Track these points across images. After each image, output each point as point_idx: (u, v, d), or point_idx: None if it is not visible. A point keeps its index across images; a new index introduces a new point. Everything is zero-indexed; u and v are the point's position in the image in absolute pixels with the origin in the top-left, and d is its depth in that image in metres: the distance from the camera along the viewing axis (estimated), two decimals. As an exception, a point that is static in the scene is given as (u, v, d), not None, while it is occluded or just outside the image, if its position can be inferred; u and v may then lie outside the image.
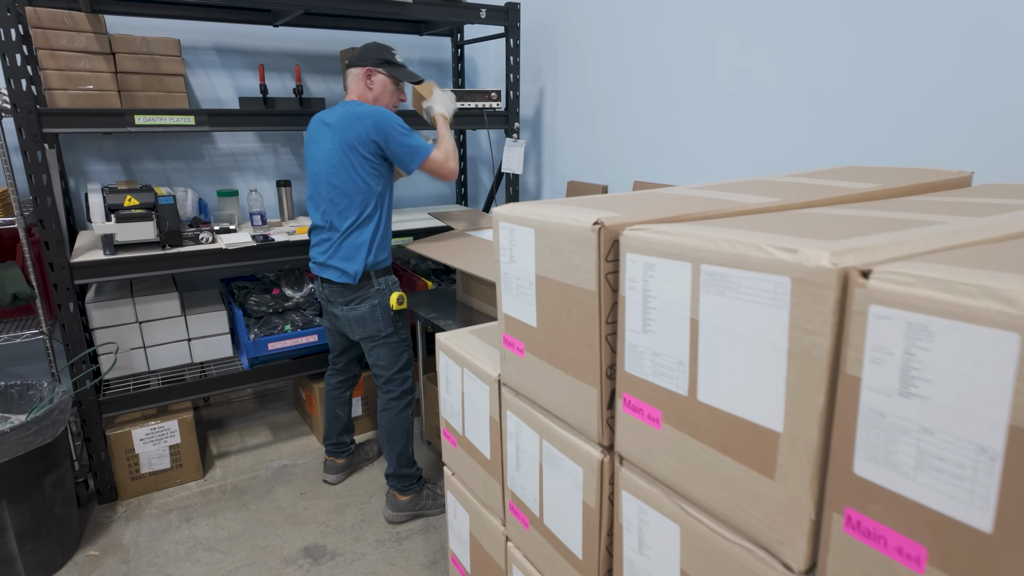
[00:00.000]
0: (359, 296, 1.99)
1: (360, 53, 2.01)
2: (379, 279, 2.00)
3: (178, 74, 2.35)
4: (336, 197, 1.94)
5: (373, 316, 2.01)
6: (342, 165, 1.90)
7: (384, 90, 2.02)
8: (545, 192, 3.10)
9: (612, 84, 2.57)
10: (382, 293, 2.00)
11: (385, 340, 2.05)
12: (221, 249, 2.28)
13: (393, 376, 2.10)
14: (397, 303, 2.01)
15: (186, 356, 2.49)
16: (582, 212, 0.78)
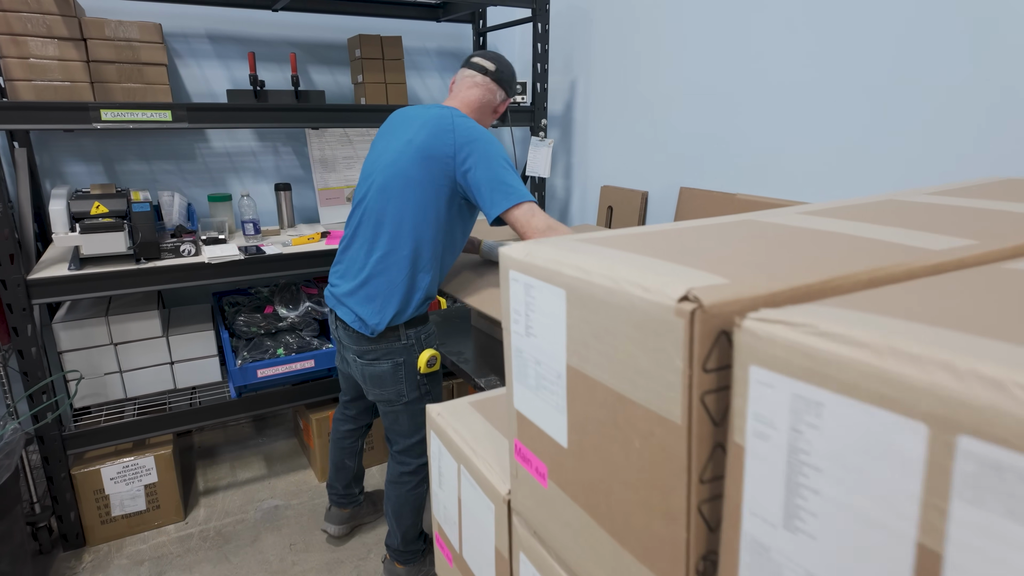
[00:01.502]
0: (379, 351, 1.56)
1: (509, 73, 1.66)
2: (409, 331, 1.57)
3: (159, 63, 2.07)
4: (389, 209, 1.50)
5: (395, 377, 1.59)
6: (414, 184, 1.48)
7: (490, 122, 1.71)
8: (575, 198, 2.75)
9: (656, 76, 2.21)
10: (410, 350, 1.58)
11: (406, 407, 1.66)
12: (203, 264, 1.99)
13: (411, 447, 1.71)
14: (427, 365, 1.59)
15: (168, 381, 2.22)
16: (653, 267, 0.44)
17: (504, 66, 1.65)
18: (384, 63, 2.48)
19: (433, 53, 2.89)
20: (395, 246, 1.51)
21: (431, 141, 1.48)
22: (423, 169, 1.47)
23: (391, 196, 1.50)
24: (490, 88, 1.63)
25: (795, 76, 1.75)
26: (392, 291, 1.52)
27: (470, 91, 1.63)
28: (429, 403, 1.72)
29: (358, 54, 2.46)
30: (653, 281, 0.41)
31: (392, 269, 1.51)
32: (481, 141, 1.47)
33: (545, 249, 0.54)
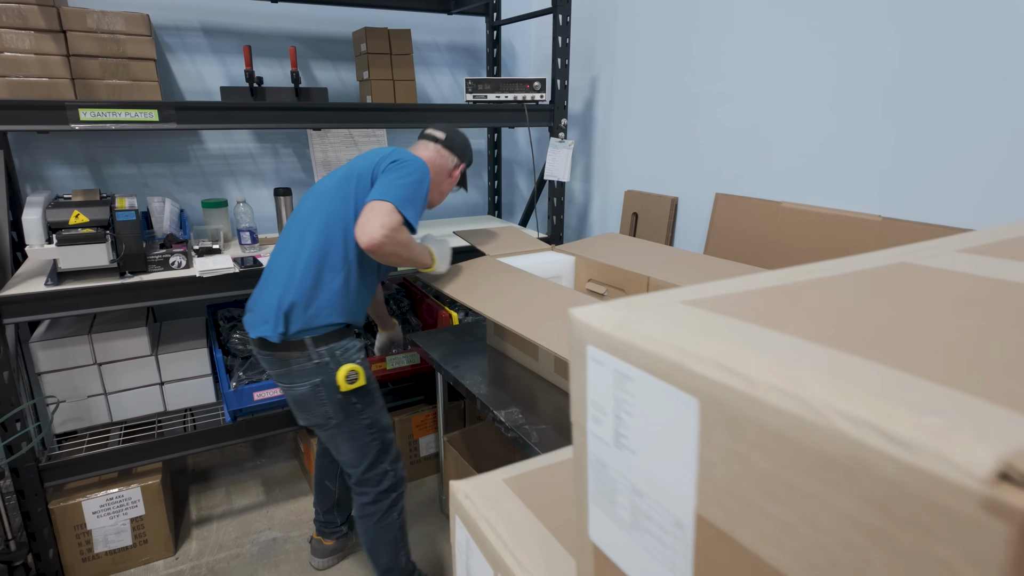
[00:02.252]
0: (293, 373, 1.46)
1: (461, 142, 1.68)
2: (320, 349, 1.45)
3: (147, 58, 1.89)
4: (310, 218, 1.48)
5: (316, 399, 1.48)
6: (335, 189, 1.49)
7: (449, 188, 1.70)
8: (595, 204, 2.56)
9: (689, 71, 2.02)
10: (324, 368, 1.46)
11: (339, 430, 1.53)
12: (194, 278, 1.81)
13: (364, 476, 1.58)
14: (347, 381, 1.46)
15: (158, 404, 2.04)
16: (880, 382, 0.26)
17: (455, 134, 1.66)
18: (392, 58, 2.30)
19: (444, 48, 2.71)
20: (302, 245, 1.46)
21: (363, 161, 1.51)
22: (344, 182, 1.48)
23: (305, 212, 1.50)
24: (441, 153, 1.64)
25: (851, 72, 1.56)
26: (294, 288, 1.43)
27: (424, 151, 1.63)
28: (368, 423, 1.56)
29: (364, 48, 2.28)
30: (905, 422, 0.23)
31: (297, 269, 1.45)
32: (409, 165, 1.46)
33: (655, 321, 0.36)
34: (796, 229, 1.71)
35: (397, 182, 1.42)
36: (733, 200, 1.91)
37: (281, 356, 1.45)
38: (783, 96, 1.74)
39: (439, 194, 1.68)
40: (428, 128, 1.70)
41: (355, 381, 1.47)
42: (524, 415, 1.46)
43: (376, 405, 1.57)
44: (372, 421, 1.55)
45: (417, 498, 2.28)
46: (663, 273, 1.59)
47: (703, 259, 1.70)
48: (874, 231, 1.53)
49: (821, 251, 1.64)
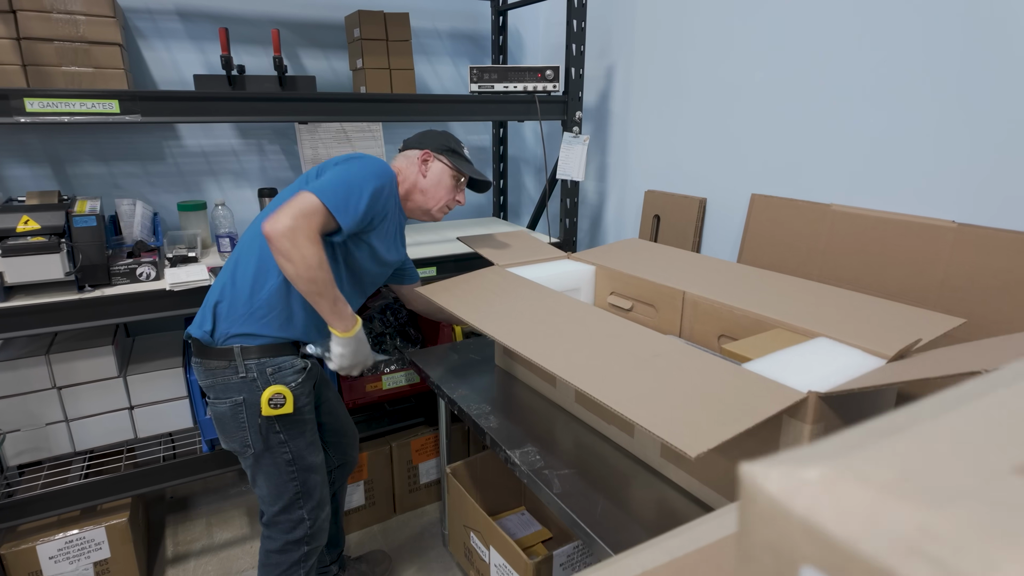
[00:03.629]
0: (216, 387, 1.30)
1: (419, 136, 1.51)
2: (249, 362, 1.28)
3: (111, 43, 1.67)
4: (264, 214, 1.31)
5: (236, 421, 1.30)
6: (291, 187, 1.38)
7: (440, 182, 1.46)
8: (610, 205, 2.35)
9: (720, 60, 1.81)
10: (250, 386, 1.29)
11: (256, 461, 1.34)
12: (163, 291, 1.60)
13: (275, 518, 1.38)
14: (270, 404, 1.27)
15: (127, 430, 1.83)
16: None
17: (426, 135, 1.50)
18: (388, 45, 2.08)
19: (445, 36, 2.49)
20: (251, 241, 1.34)
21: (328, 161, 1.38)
22: (301, 178, 1.39)
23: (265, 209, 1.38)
24: (406, 156, 1.49)
25: (919, 58, 1.34)
26: (228, 283, 1.31)
27: (404, 165, 1.48)
28: (289, 459, 1.31)
29: (357, 35, 2.07)
30: None
31: (238, 265, 1.32)
32: (360, 162, 1.31)
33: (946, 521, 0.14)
34: (850, 235, 1.50)
35: (336, 177, 1.25)
36: (772, 202, 1.70)
37: (208, 365, 1.30)
38: (835, 86, 1.52)
39: (452, 202, 1.50)
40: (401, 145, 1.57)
41: (280, 407, 1.28)
42: (542, 455, 1.25)
43: (303, 439, 1.37)
44: (294, 457, 1.36)
45: (415, 528, 2.07)
46: (701, 287, 1.38)
47: (744, 270, 1.49)
48: (948, 239, 1.31)
49: (881, 261, 1.43)
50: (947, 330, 1.10)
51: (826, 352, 1.04)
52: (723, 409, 0.85)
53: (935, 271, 1.33)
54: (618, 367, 1.01)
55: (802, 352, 1.04)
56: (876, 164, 1.46)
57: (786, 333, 1.15)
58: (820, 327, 1.13)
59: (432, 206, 1.47)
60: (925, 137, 1.36)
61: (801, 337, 1.13)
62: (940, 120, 1.33)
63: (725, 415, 0.84)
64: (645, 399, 0.90)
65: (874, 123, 1.45)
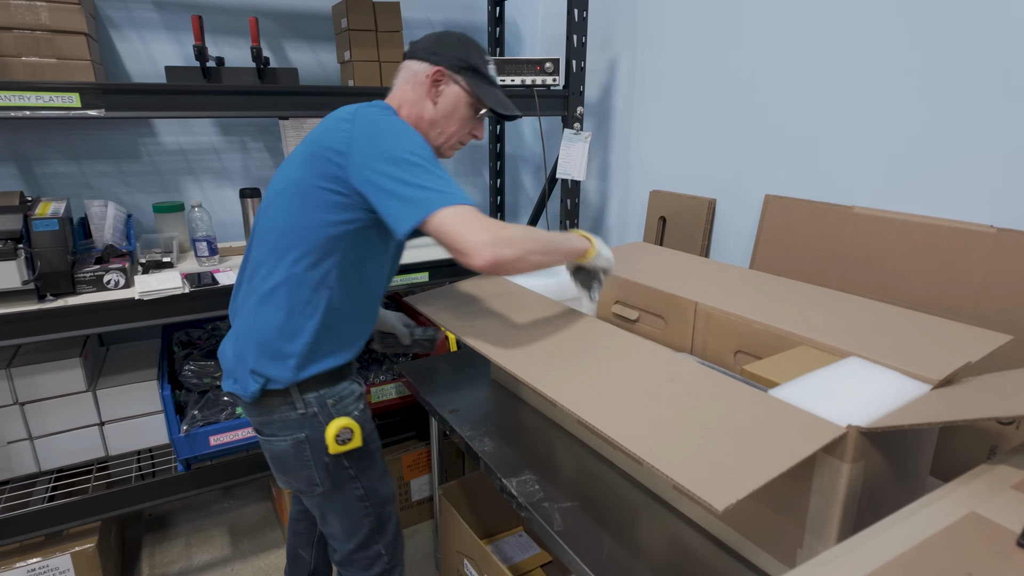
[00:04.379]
0: (272, 424, 1.13)
1: (432, 42, 1.14)
2: (307, 396, 1.12)
3: (76, 32, 1.55)
4: (269, 236, 1.09)
5: (299, 460, 1.14)
6: (292, 187, 1.06)
7: (454, 112, 1.13)
8: (612, 206, 2.23)
9: (732, 49, 1.69)
10: (311, 422, 1.12)
11: (326, 499, 1.19)
12: (132, 300, 1.48)
13: (351, 557, 1.24)
14: (338, 441, 1.12)
15: (97, 448, 1.71)
16: None
17: (443, 42, 1.14)
18: (378, 36, 1.96)
19: (439, 26, 2.36)
20: (262, 274, 1.09)
21: (321, 135, 1.05)
22: (306, 170, 1.05)
23: (264, 210, 1.12)
24: (436, 74, 1.11)
25: (953, 51, 1.22)
26: (259, 337, 1.09)
27: (407, 84, 1.14)
28: (361, 494, 1.15)
29: (344, 25, 1.94)
30: None
31: (258, 311, 1.09)
32: (388, 132, 1.01)
33: None
34: (875, 240, 1.38)
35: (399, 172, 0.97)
36: (788, 203, 1.58)
37: (259, 403, 1.12)
38: (859, 77, 1.40)
39: (467, 137, 1.20)
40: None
41: (348, 442, 1.13)
42: (541, 484, 1.13)
43: (375, 470, 1.22)
44: (367, 491, 1.21)
45: (408, 550, 1.95)
46: (714, 297, 1.26)
47: (761, 278, 1.37)
48: (986, 245, 1.20)
49: (909, 269, 1.31)
50: (993, 348, 0.98)
51: (860, 375, 0.93)
52: (751, 447, 0.74)
53: (971, 280, 1.22)
54: (628, 394, 0.89)
55: (833, 375, 0.93)
56: (904, 163, 1.35)
57: (812, 351, 1.04)
58: (851, 345, 1.02)
59: (441, 142, 1.16)
60: (960, 133, 1.24)
61: (830, 356, 1.01)
62: (977, 114, 1.21)
63: (754, 455, 0.72)
64: (660, 434, 0.78)
65: (902, 117, 1.33)
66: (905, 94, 1.32)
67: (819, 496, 0.81)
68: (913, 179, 1.33)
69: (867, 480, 0.81)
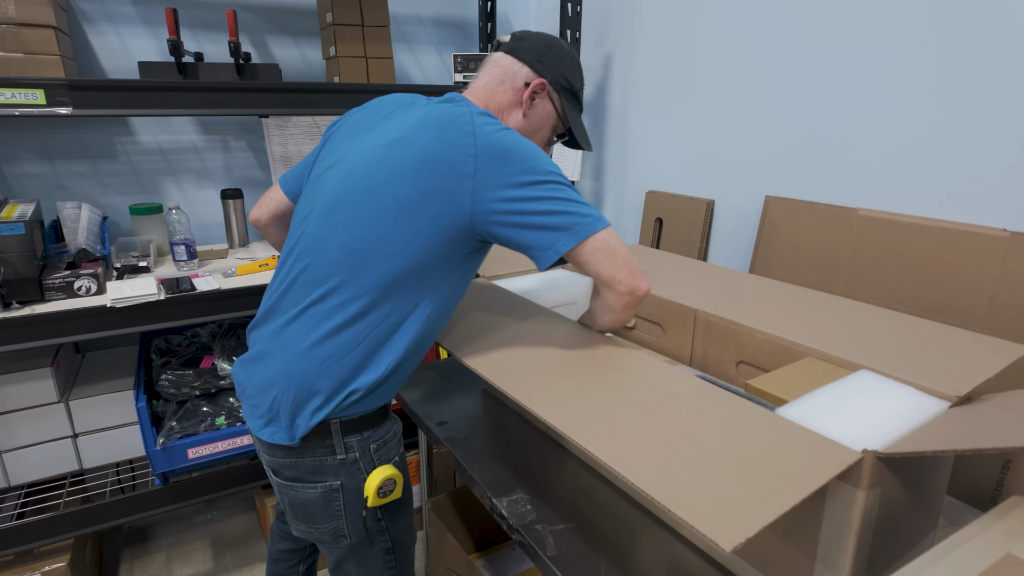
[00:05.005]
0: (301, 467, 0.98)
1: (541, 47, 1.03)
2: (350, 439, 0.97)
3: (44, 25, 1.48)
4: (351, 257, 0.91)
5: (329, 510, 1.00)
6: (390, 203, 0.90)
7: (539, 130, 1.06)
8: (608, 206, 2.17)
9: (731, 46, 1.63)
10: (350, 469, 0.98)
11: (352, 552, 1.06)
12: (103, 308, 1.41)
13: None
14: (379, 494, 0.99)
15: (71, 461, 1.64)
16: None
17: (553, 51, 1.04)
18: (364, 31, 1.89)
19: (428, 22, 2.29)
20: (337, 301, 0.92)
21: (438, 146, 0.89)
22: (414, 186, 0.88)
23: (345, 223, 0.92)
24: (537, 86, 1.02)
25: (962, 40, 1.17)
26: (327, 377, 0.92)
27: (501, 86, 1.03)
28: (388, 547, 1.03)
29: (330, 19, 1.87)
30: None
31: (332, 339, 0.92)
32: (517, 149, 0.89)
33: None
34: (880, 244, 1.33)
35: (555, 199, 0.88)
36: (789, 205, 1.53)
37: (288, 448, 0.98)
38: (864, 74, 1.35)
39: None
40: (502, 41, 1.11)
41: (390, 494, 1.01)
42: (533, 504, 1.07)
43: (405, 521, 1.12)
44: (395, 544, 1.09)
45: (398, 563, 1.89)
46: (714, 304, 1.20)
47: (764, 284, 1.31)
48: (999, 249, 1.14)
49: (917, 274, 1.26)
50: (1013, 360, 0.93)
51: (872, 390, 0.87)
52: (760, 475, 0.68)
53: (983, 286, 1.17)
54: (626, 412, 0.83)
55: (844, 390, 0.87)
56: (911, 163, 1.29)
57: (820, 364, 0.98)
58: (860, 356, 0.96)
59: None
60: (970, 132, 1.19)
61: (838, 369, 0.96)
62: (988, 112, 1.16)
63: (763, 484, 0.66)
64: (661, 460, 0.72)
65: (909, 116, 1.28)
66: (912, 91, 1.26)
67: (832, 524, 0.75)
68: (921, 180, 1.28)
69: (883, 507, 0.75)
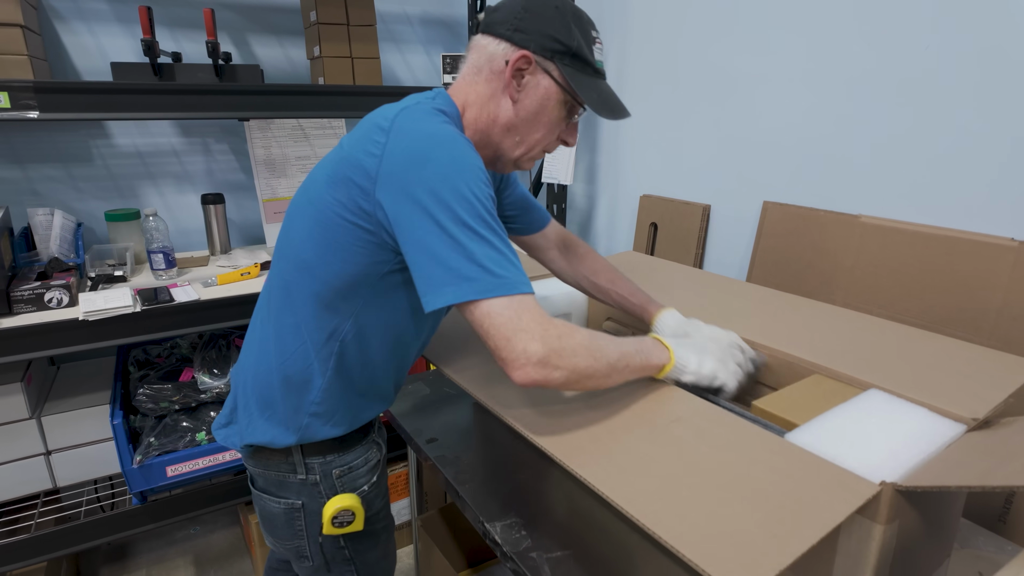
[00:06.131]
0: (267, 479, 0.95)
1: (517, 10, 0.82)
2: (312, 461, 0.93)
3: (11, 23, 1.40)
4: (283, 264, 0.88)
5: (290, 527, 0.96)
6: (312, 210, 0.83)
7: (540, 113, 0.84)
8: (600, 211, 2.13)
9: (727, 46, 1.59)
10: (311, 490, 0.94)
11: (314, 572, 1.01)
12: (75, 321, 1.34)
13: None
14: (334, 523, 0.93)
15: (43, 480, 1.57)
16: None
17: (531, 10, 0.82)
18: (350, 30, 1.83)
19: (416, 21, 2.23)
20: (277, 305, 0.88)
21: (352, 146, 0.79)
22: (329, 191, 0.80)
23: (284, 227, 0.89)
24: (520, 60, 0.81)
25: (973, 40, 1.13)
26: (264, 381, 0.89)
27: (478, 73, 0.85)
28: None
29: (314, 18, 1.81)
30: None
31: (273, 344, 0.88)
32: (436, 159, 0.72)
33: None
34: (884, 253, 1.29)
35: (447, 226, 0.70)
36: (789, 211, 1.49)
37: (254, 452, 0.95)
38: (868, 75, 1.31)
39: (553, 142, 0.89)
40: None
41: (346, 525, 0.95)
42: (528, 529, 1.02)
43: (376, 551, 1.05)
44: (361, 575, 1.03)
45: (387, 579, 1.83)
46: (715, 315, 1.16)
47: (764, 295, 1.27)
48: (1007, 259, 1.11)
49: (922, 284, 1.22)
50: (1028, 379, 0.89)
51: (885, 412, 0.83)
52: (773, 511, 0.63)
53: (991, 297, 1.13)
54: (629, 439, 0.78)
55: (854, 413, 0.83)
56: (917, 170, 1.25)
57: (827, 382, 0.94)
58: (869, 374, 0.92)
59: (519, 153, 0.87)
60: (978, 137, 1.15)
61: (847, 388, 0.91)
62: (997, 119, 1.12)
63: (778, 521, 0.62)
64: (667, 494, 0.67)
65: (916, 121, 1.24)
66: (915, 94, 1.23)
67: (846, 559, 0.71)
68: (927, 186, 1.24)
69: (900, 540, 0.71)
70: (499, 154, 0.89)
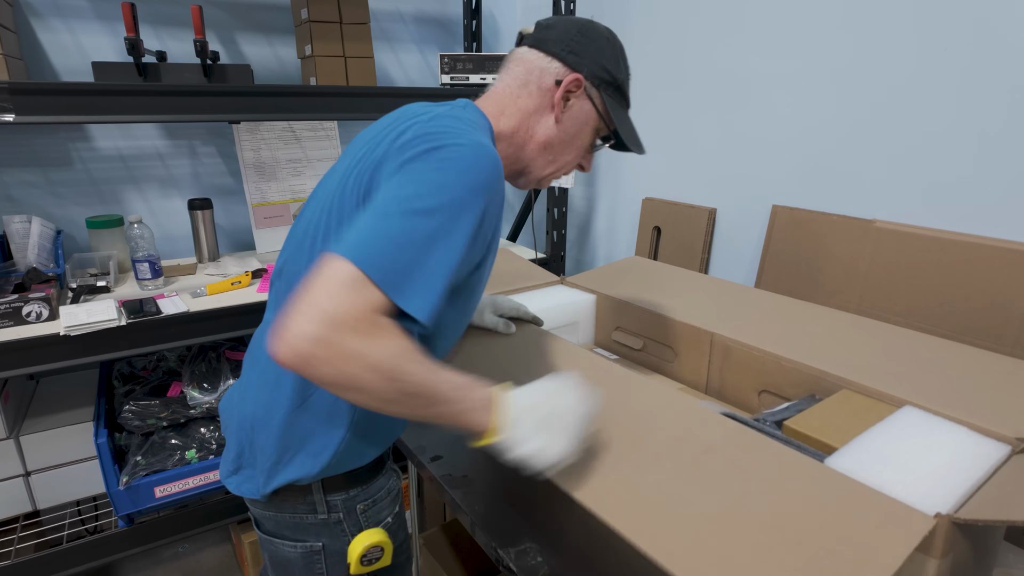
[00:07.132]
0: (280, 522, 0.85)
1: (574, 34, 0.82)
2: (334, 498, 0.83)
3: (-17, 21, 1.32)
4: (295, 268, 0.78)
5: (308, 570, 0.87)
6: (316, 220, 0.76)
7: (577, 136, 0.84)
8: (600, 214, 2.08)
9: (732, 46, 1.55)
10: (333, 529, 0.85)
11: None
12: (56, 336, 1.27)
13: None
14: (363, 562, 0.84)
15: (22, 502, 1.49)
16: None
17: (586, 35, 0.82)
18: (343, 29, 1.76)
19: (410, 19, 2.17)
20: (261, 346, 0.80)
21: (366, 147, 0.75)
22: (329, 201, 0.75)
23: (305, 248, 0.77)
24: (571, 83, 0.80)
25: (991, 38, 1.10)
26: (282, 425, 0.77)
27: (520, 88, 0.83)
28: None
29: (305, 16, 1.74)
30: None
31: (284, 381, 0.77)
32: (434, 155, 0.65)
33: None
34: (900, 259, 1.25)
35: (393, 207, 0.63)
36: (799, 215, 1.45)
37: (272, 500, 0.84)
38: (881, 74, 1.27)
39: (545, 159, 0.85)
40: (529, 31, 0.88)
41: (375, 562, 0.87)
42: (544, 556, 0.97)
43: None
44: None
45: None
46: (731, 326, 1.11)
47: (780, 302, 1.23)
48: (1032, 267, 1.08)
49: (940, 291, 1.19)
50: (1066, 394, 0.86)
51: (924, 432, 0.79)
52: (825, 556, 0.59)
53: (1014, 305, 1.10)
54: (658, 476, 0.73)
55: (894, 433, 0.79)
56: (933, 172, 1.22)
57: (858, 398, 0.90)
58: (901, 390, 0.88)
59: (548, 172, 0.86)
60: (997, 142, 1.11)
61: (879, 405, 0.87)
62: (1017, 122, 1.08)
63: (829, 569, 0.57)
64: (710, 541, 0.62)
65: (929, 123, 1.20)
66: (931, 96, 1.19)
67: (895, 594, 0.66)
68: (944, 190, 1.21)
69: (954, 572, 0.66)
70: (527, 170, 0.86)
